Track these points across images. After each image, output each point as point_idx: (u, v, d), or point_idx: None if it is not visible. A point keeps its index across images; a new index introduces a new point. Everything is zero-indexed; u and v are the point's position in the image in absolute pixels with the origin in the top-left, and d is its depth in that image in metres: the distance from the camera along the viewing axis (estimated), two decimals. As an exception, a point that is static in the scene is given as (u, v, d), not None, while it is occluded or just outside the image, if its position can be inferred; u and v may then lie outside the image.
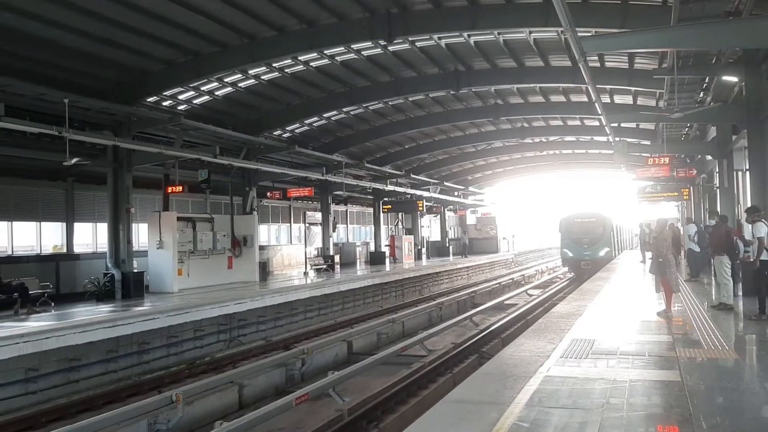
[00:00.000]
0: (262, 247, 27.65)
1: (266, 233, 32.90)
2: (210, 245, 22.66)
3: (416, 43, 19.90)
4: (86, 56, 16.48)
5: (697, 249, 19.26)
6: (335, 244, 34.64)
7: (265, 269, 26.13)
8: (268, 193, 29.30)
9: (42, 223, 21.17)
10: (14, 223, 20.25)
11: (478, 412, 6.13)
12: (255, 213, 25.65)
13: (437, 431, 5.69)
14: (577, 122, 32.24)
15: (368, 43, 19.16)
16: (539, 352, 8.94)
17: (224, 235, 23.34)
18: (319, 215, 34.14)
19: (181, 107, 21.55)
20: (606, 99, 24.67)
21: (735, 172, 18.91)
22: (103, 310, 16.33)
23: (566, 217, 34.34)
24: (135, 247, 20.30)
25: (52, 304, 16.75)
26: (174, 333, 15.69)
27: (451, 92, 24.37)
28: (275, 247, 32.85)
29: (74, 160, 16.11)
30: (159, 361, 15.19)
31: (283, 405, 9.58)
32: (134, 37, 16.24)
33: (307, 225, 35.45)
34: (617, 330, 10.98)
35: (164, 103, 20.98)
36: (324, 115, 26.15)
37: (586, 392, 6.94)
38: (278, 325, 19.58)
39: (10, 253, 19.94)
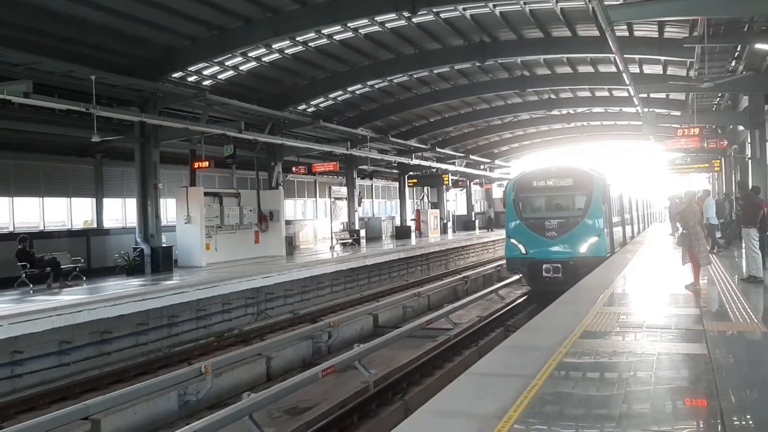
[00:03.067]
0: (288, 222, 27.82)
1: (292, 208, 33.07)
2: (237, 220, 22.88)
3: (441, 15, 19.65)
4: (112, 33, 16.55)
5: (715, 221, 19.07)
6: (361, 219, 34.72)
7: (291, 244, 26.32)
8: (294, 168, 29.45)
9: (72, 198, 21.51)
10: (45, 199, 20.59)
11: (502, 385, 6.15)
12: (281, 188, 25.79)
13: (461, 403, 5.73)
14: (606, 93, 31.70)
15: (392, 15, 18.96)
16: (565, 325, 8.91)
17: (251, 210, 23.54)
18: (344, 190, 34.19)
19: (206, 83, 21.62)
20: (635, 69, 24.19)
21: (767, 143, 18.51)
22: (134, 284, 16.62)
23: (519, 178, 19.60)
24: (163, 222, 20.55)
25: (84, 278, 17.06)
26: (203, 306, 15.92)
27: (477, 64, 24.08)
28: (301, 221, 33.05)
29: (102, 137, 16.29)
30: (188, 334, 15.45)
31: (309, 377, 9.71)
32: (159, 13, 16.26)
33: (332, 200, 35.56)
34: (644, 303, 10.91)
35: (190, 79, 21.05)
36: (348, 89, 26.05)
37: (612, 365, 6.93)
38: (305, 299, 19.77)
39: (42, 228, 20.30)
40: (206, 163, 21.37)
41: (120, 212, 23.27)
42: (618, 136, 46.39)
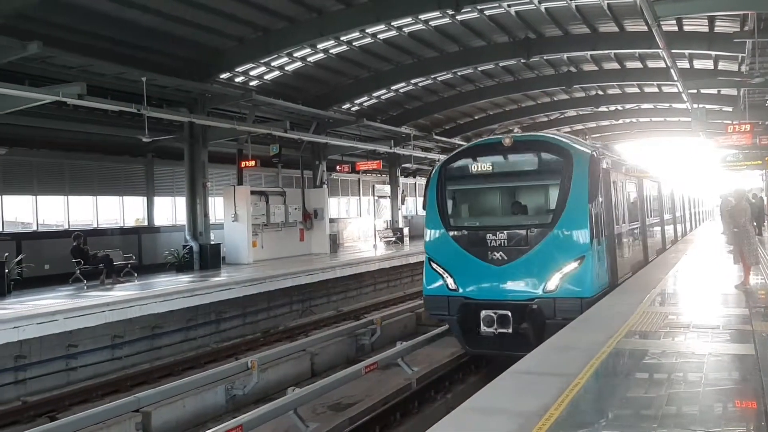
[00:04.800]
0: (332, 220, 28.08)
1: (336, 206, 33.31)
2: (282, 218, 23.24)
3: (485, 12, 19.53)
4: (161, 35, 16.94)
5: None
6: (404, 217, 34.78)
7: (335, 241, 26.58)
8: (338, 167, 29.68)
9: (124, 197, 22.12)
10: (99, 197, 21.20)
11: (543, 383, 6.13)
12: (325, 186, 26.04)
13: (503, 400, 5.75)
14: (655, 89, 31.01)
15: (436, 13, 18.96)
16: (609, 324, 8.79)
17: (296, 209, 23.88)
18: (387, 188, 34.30)
19: (252, 83, 21.95)
20: (685, 64, 23.64)
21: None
22: (183, 280, 17.02)
23: (449, 158, 11.71)
24: (211, 220, 20.97)
25: (135, 274, 17.56)
26: (249, 303, 16.21)
27: (522, 61, 23.86)
28: (345, 219, 33.29)
29: (152, 137, 16.73)
30: (235, 330, 15.77)
31: (353, 373, 9.85)
32: (206, 15, 16.58)
33: (376, 198, 35.69)
34: (692, 303, 10.70)
35: (237, 80, 21.40)
36: (392, 88, 26.09)
37: (656, 365, 6.83)
38: (349, 297, 19.95)
39: (95, 226, 20.91)
40: (253, 163, 21.77)
41: (170, 210, 23.83)
42: (668, 132, 45.34)
